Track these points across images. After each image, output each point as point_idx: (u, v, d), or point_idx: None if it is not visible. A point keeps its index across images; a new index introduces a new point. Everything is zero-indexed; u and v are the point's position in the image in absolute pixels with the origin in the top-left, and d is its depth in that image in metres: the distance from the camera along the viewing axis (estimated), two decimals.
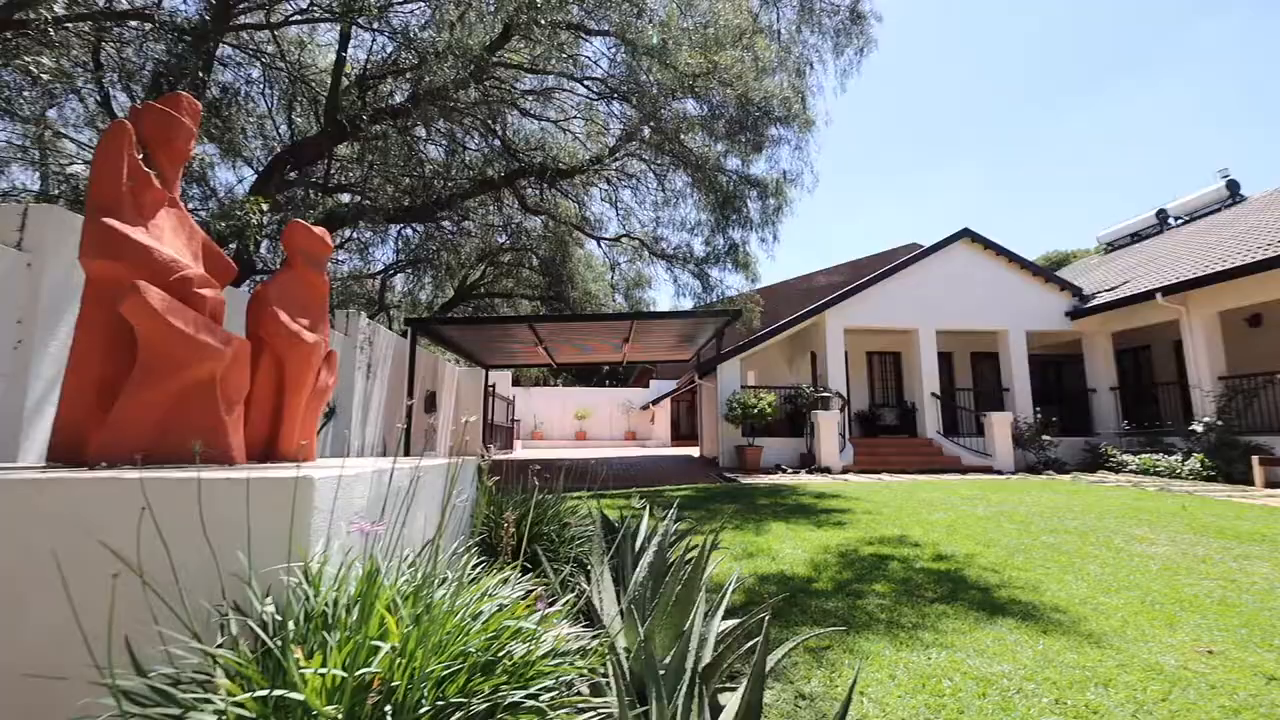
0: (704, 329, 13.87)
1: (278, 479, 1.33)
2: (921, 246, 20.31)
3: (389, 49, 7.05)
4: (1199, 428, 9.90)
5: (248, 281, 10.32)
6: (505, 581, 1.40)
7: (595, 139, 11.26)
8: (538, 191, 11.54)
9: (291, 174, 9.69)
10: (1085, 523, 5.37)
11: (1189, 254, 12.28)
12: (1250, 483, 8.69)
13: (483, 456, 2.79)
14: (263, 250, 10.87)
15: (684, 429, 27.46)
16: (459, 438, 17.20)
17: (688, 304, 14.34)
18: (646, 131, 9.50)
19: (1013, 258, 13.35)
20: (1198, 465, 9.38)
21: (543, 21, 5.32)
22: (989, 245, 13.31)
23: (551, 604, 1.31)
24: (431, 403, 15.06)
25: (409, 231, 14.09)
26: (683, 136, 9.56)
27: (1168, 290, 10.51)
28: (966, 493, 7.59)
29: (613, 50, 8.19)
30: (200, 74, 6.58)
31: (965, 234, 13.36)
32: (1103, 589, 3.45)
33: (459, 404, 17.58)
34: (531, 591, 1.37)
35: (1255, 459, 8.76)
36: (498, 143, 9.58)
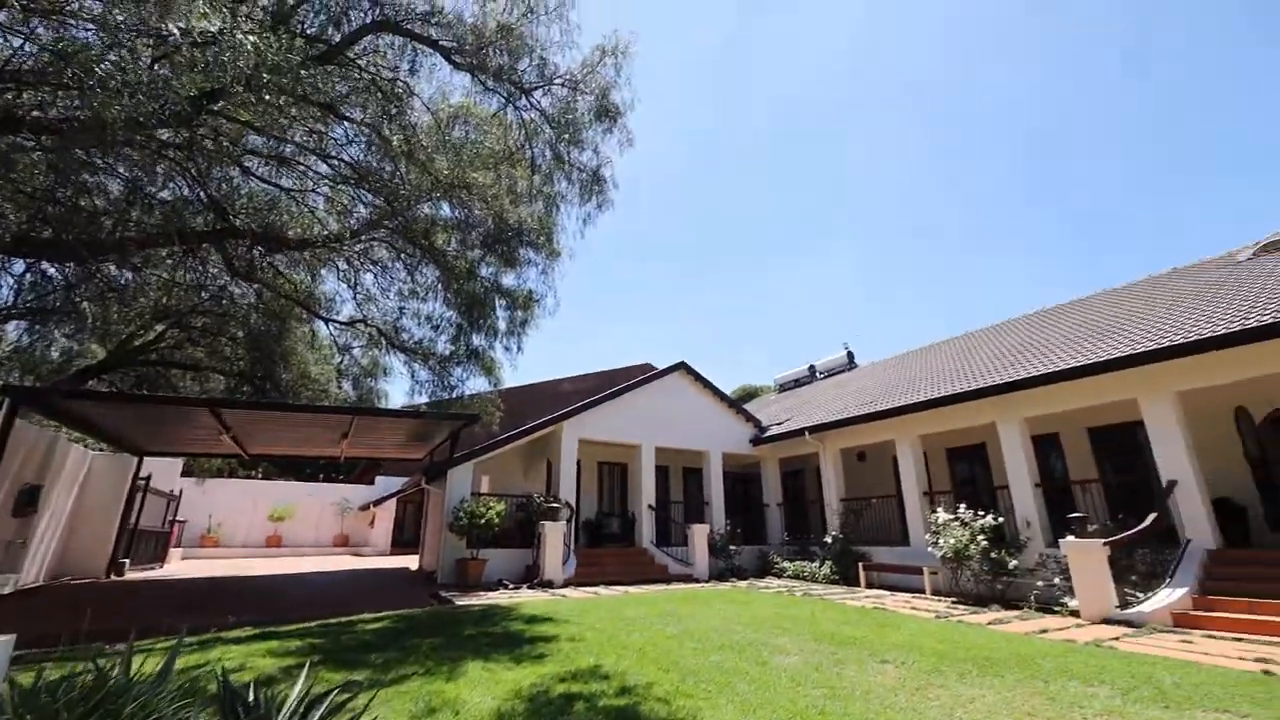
0: (439, 430, 13.12)
1: None
2: (654, 367, 23.16)
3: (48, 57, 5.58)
4: (829, 539, 12.74)
5: None
6: None
7: (340, 218, 10.43)
8: (250, 256, 9.97)
9: None
10: (745, 636, 6.24)
11: (827, 402, 16.43)
12: (859, 584, 11.34)
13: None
14: None
15: (409, 534, 24.69)
16: (72, 550, 12.46)
17: (425, 400, 13.51)
18: (397, 222, 9.18)
19: (715, 390, 16.08)
20: (828, 570, 11.93)
21: (266, 98, 4.86)
22: (699, 378, 15.86)
23: None
24: (29, 501, 10.88)
25: (53, 270, 10.65)
26: (436, 239, 9.49)
27: (811, 430, 13.78)
28: (665, 607, 8.23)
29: (367, 140, 7.92)
30: None
31: (681, 366, 15.72)
32: (744, 709, 3.95)
33: (84, 502, 13.03)
34: None
35: (861, 565, 11.53)
36: (204, 195, 8.13)
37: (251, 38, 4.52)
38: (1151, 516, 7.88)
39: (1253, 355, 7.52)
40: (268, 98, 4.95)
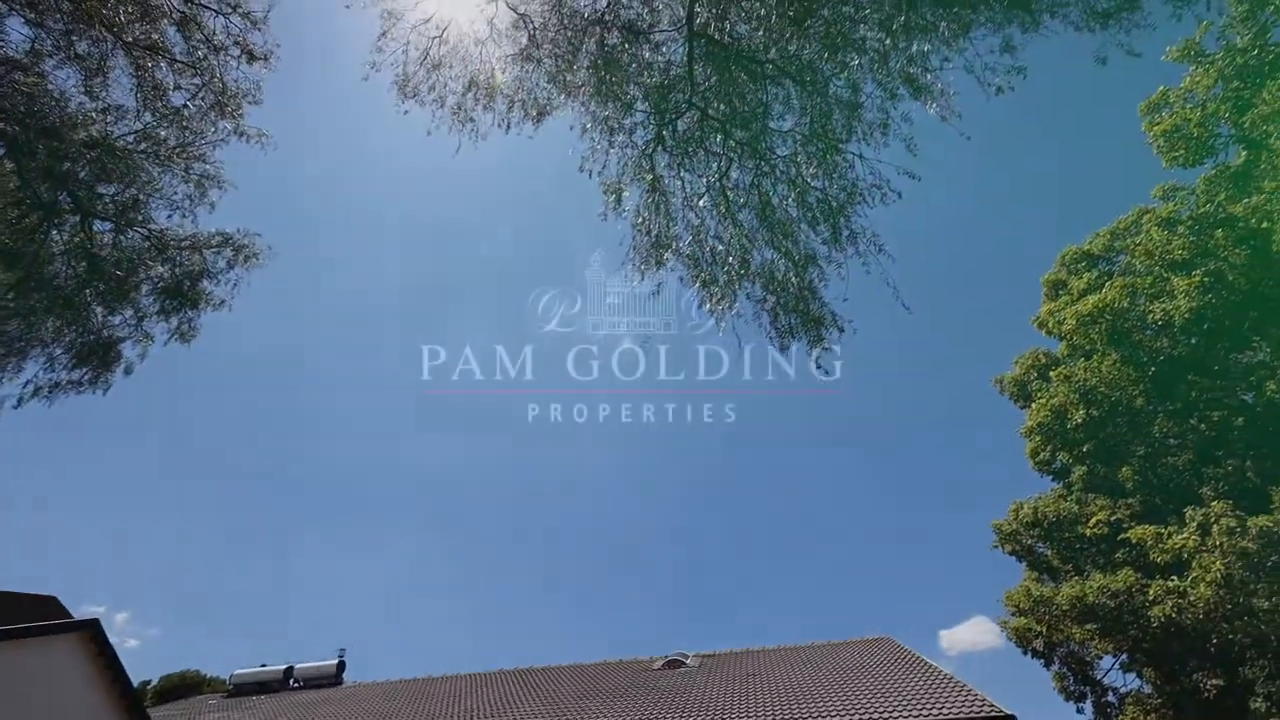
0: None
1: None
2: (66, 611, 14.85)
3: None
4: None
5: None
6: None
7: None
8: None
9: None
10: None
11: None
12: None
13: None
14: None
15: None
16: None
17: None
18: None
19: (120, 679, 10.89)
20: None
21: None
22: (105, 651, 10.66)
23: None
24: None
25: None
26: None
27: None
28: None
29: None
30: None
31: (90, 625, 10.56)
32: None
33: None
34: None
35: None
36: None
37: None
38: None
39: None
40: None
